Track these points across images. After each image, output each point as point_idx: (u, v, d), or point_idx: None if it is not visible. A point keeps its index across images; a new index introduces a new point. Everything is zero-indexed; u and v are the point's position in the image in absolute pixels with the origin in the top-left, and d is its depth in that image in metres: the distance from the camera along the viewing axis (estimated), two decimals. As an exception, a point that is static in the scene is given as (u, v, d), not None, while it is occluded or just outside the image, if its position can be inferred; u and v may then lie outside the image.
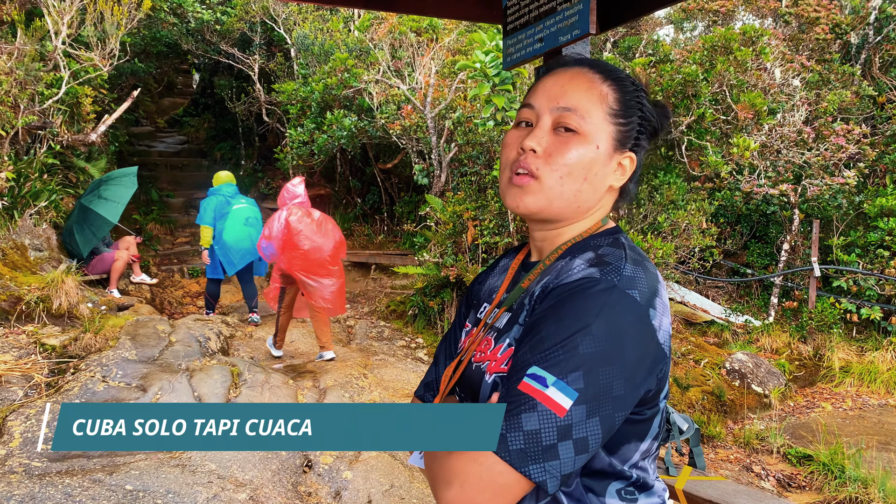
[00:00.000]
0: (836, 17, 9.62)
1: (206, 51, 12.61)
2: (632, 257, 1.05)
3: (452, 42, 9.42)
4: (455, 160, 8.73)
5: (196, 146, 14.93)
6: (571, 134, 1.08)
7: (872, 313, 7.68)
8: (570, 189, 1.09)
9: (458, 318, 1.38)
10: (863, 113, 9.38)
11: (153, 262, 9.73)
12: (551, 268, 1.12)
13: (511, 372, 1.00)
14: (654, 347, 1.00)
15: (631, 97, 1.13)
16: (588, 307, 0.96)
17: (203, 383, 5.05)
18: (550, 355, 0.95)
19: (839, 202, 8.25)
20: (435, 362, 1.37)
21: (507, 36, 3.08)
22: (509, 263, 1.32)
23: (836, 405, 7.00)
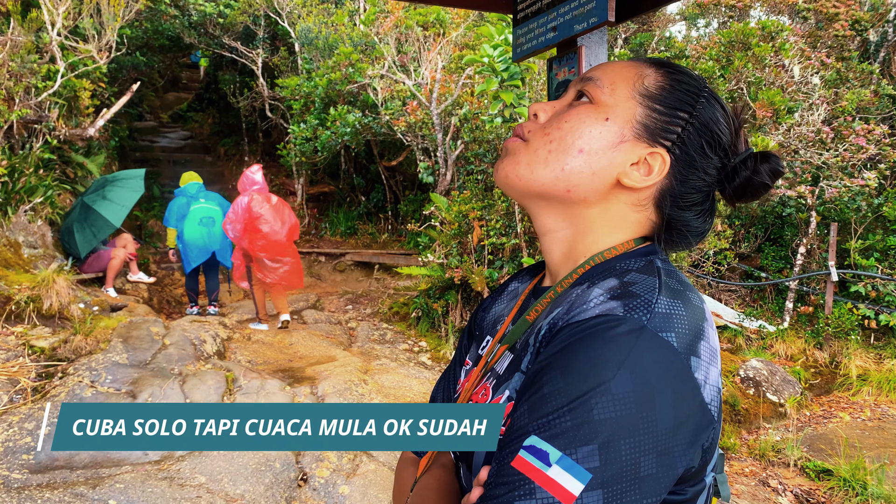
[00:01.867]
0: (855, 14, 9.35)
1: (209, 44, 12.41)
2: (668, 286, 0.80)
3: (460, 36, 9.20)
4: (461, 158, 8.50)
5: (200, 141, 14.77)
6: (584, 102, 0.89)
7: (892, 319, 7.42)
8: (557, 160, 0.88)
9: (459, 353, 1.15)
10: (882, 112, 9.11)
11: (153, 260, 9.54)
12: (564, 296, 0.88)
13: (505, 440, 0.76)
14: (696, 409, 0.75)
15: (685, 89, 0.89)
16: (606, 356, 0.72)
17: (196, 389, 4.85)
18: (555, 422, 0.71)
19: (858, 204, 7.98)
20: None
21: (518, 25, 2.86)
22: (521, 288, 1.09)
23: (854, 415, 6.75)
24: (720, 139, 0.89)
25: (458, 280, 6.61)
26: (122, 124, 11.60)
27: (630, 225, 0.91)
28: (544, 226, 0.94)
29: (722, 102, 0.92)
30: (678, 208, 0.90)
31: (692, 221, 0.92)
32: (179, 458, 3.97)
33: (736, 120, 0.92)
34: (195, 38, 12.26)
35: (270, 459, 4.01)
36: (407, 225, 9.24)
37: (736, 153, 0.91)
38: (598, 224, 0.91)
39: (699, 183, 0.90)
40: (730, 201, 0.93)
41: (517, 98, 6.18)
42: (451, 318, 6.97)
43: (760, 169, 0.89)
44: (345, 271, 10.26)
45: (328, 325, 7.45)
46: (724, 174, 0.91)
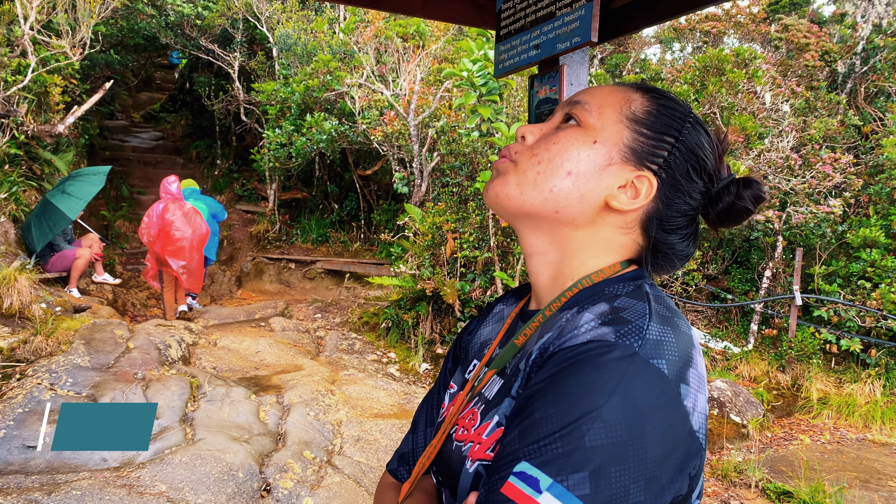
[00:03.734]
0: (825, 45, 9.58)
1: (186, 45, 12.28)
2: (658, 313, 0.80)
3: (439, 49, 9.22)
4: (437, 170, 8.50)
5: (171, 143, 14.58)
6: (572, 125, 0.91)
7: (852, 345, 7.57)
8: (546, 181, 0.88)
9: (443, 376, 1.13)
10: (847, 142, 9.33)
11: (119, 261, 9.37)
12: (553, 320, 0.88)
13: (494, 465, 0.76)
14: (685, 437, 0.75)
15: (672, 114, 0.90)
16: (598, 382, 0.72)
17: (159, 395, 4.76)
18: (546, 448, 0.71)
19: (823, 231, 8.15)
20: (413, 429, 1.12)
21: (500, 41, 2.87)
22: (506, 311, 1.08)
23: (815, 438, 6.86)
24: (705, 164, 0.90)
25: (429, 292, 6.60)
26: (92, 122, 11.40)
27: (617, 248, 0.91)
28: (532, 247, 0.94)
29: (706, 128, 0.93)
30: (664, 231, 0.91)
31: (677, 245, 0.93)
32: (139, 466, 3.89)
33: (720, 145, 0.93)
34: (171, 39, 12.11)
35: (233, 469, 3.95)
36: (380, 234, 9.22)
37: (720, 178, 0.92)
38: (585, 246, 0.91)
39: (684, 207, 0.91)
40: (713, 226, 0.94)
41: (494, 113, 6.21)
42: (421, 330, 6.94)
43: (743, 194, 0.90)
44: (315, 279, 10.18)
45: (296, 334, 7.38)
46: (707, 199, 0.92)
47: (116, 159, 12.46)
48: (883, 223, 8.06)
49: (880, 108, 9.98)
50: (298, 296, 9.65)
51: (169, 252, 7.24)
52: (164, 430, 4.37)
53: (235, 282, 10.02)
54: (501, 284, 6.48)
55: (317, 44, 10.44)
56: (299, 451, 4.35)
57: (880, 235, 7.81)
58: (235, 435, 4.41)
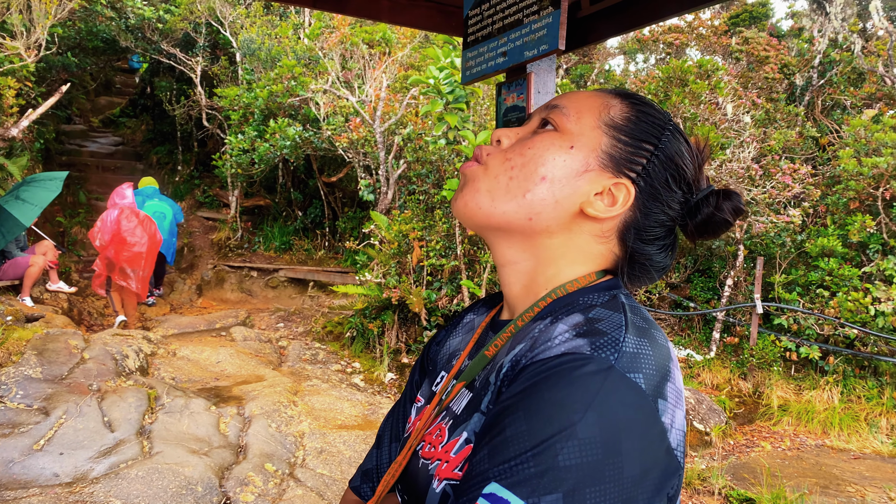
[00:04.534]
0: (784, 58, 9.79)
1: (147, 49, 12.05)
2: (634, 324, 0.76)
3: (406, 56, 9.19)
4: (403, 177, 8.45)
5: (131, 148, 14.29)
6: (549, 130, 0.87)
7: (811, 352, 7.69)
8: (519, 186, 0.84)
9: (409, 388, 1.08)
10: (806, 153, 9.52)
11: (75, 269, 9.12)
12: (525, 331, 0.84)
13: (462, 485, 0.71)
14: (663, 455, 0.71)
15: (651, 122, 0.87)
16: (572, 398, 0.68)
17: (115, 407, 4.61)
18: (517, 468, 0.66)
19: (783, 240, 8.29)
20: (377, 444, 1.07)
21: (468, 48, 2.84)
22: (476, 321, 1.04)
23: (775, 445, 6.95)
24: (684, 173, 0.87)
25: (395, 300, 6.53)
26: (48, 126, 11.11)
27: (593, 257, 0.88)
28: (504, 257, 0.90)
29: (686, 137, 0.91)
30: (641, 241, 0.88)
31: (655, 256, 0.89)
32: (93, 481, 3.75)
33: (699, 156, 0.90)
34: (132, 42, 11.87)
35: (192, 482, 3.83)
36: (345, 242, 9.12)
37: (699, 189, 0.89)
38: (560, 255, 0.87)
39: (663, 217, 0.88)
40: (691, 237, 0.91)
41: (461, 121, 6.18)
42: (386, 339, 6.87)
43: (723, 206, 0.87)
44: (277, 287, 10.03)
45: (258, 343, 7.24)
46: (686, 209, 0.89)
47: (74, 164, 12.16)
48: (840, 233, 8.23)
49: (836, 121, 10.22)
50: (261, 305, 9.50)
51: (124, 259, 7.22)
52: (120, 443, 4.23)
53: (196, 290, 9.82)
54: (468, 293, 6.45)
55: (281, 49, 10.33)
56: (260, 463, 4.25)
57: (837, 245, 7.98)
58: (195, 448, 4.29)
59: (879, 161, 7.85)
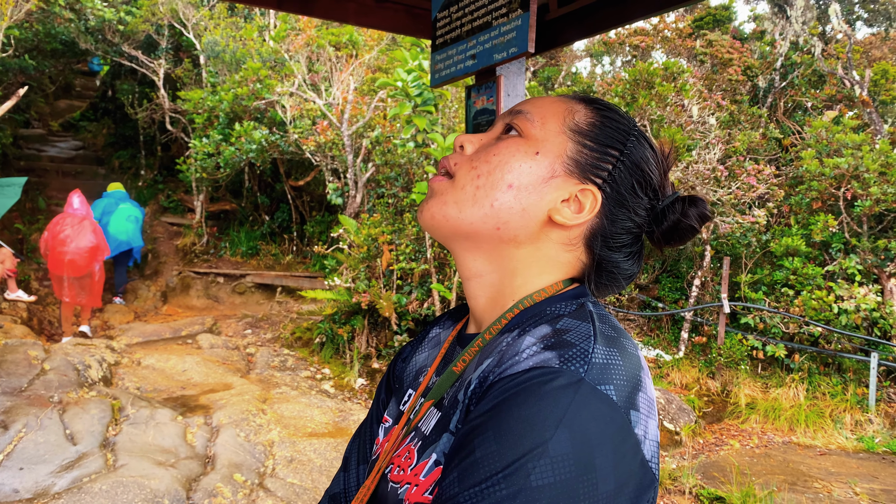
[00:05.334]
0: (747, 60, 9.94)
1: (107, 52, 11.80)
2: (603, 333, 0.75)
3: (373, 59, 9.13)
4: (372, 181, 8.39)
5: (93, 153, 13.99)
6: (513, 135, 0.86)
7: (777, 350, 7.80)
8: (486, 195, 0.83)
9: (376, 408, 1.04)
10: (769, 154, 9.68)
11: (34, 277, 8.88)
12: (493, 345, 0.81)
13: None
14: (637, 468, 0.69)
15: (616, 127, 0.86)
16: (542, 414, 0.65)
17: (78, 419, 4.48)
18: (488, 490, 0.64)
19: (748, 240, 8.41)
20: (344, 467, 1.02)
21: (436, 51, 2.81)
22: (443, 335, 1.01)
23: (744, 443, 7.02)
24: (650, 179, 0.86)
25: (365, 305, 6.47)
26: (5, 130, 10.82)
27: (560, 265, 0.86)
28: (470, 270, 0.88)
29: (651, 143, 0.89)
30: (609, 249, 0.86)
31: (622, 263, 0.88)
32: (55, 496, 3.63)
33: (665, 161, 0.89)
34: (92, 44, 11.62)
35: (158, 495, 3.73)
36: (313, 247, 9.03)
37: (664, 195, 0.88)
38: (527, 265, 0.85)
39: (629, 224, 0.86)
40: (657, 245, 0.89)
41: (430, 124, 6.15)
42: (356, 345, 6.80)
43: (689, 213, 0.86)
44: (245, 293, 9.89)
45: (225, 351, 7.12)
46: (652, 216, 0.88)
47: (33, 170, 11.86)
48: (803, 232, 8.37)
49: (798, 122, 10.41)
50: (227, 311, 9.35)
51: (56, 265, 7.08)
52: (83, 456, 4.11)
53: (161, 297, 9.63)
54: (439, 296, 6.41)
55: (246, 51, 10.19)
56: (229, 474, 4.16)
57: (801, 244, 8.11)
58: (161, 459, 4.18)
59: (840, 161, 8.00)
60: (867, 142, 8.38)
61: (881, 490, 5.66)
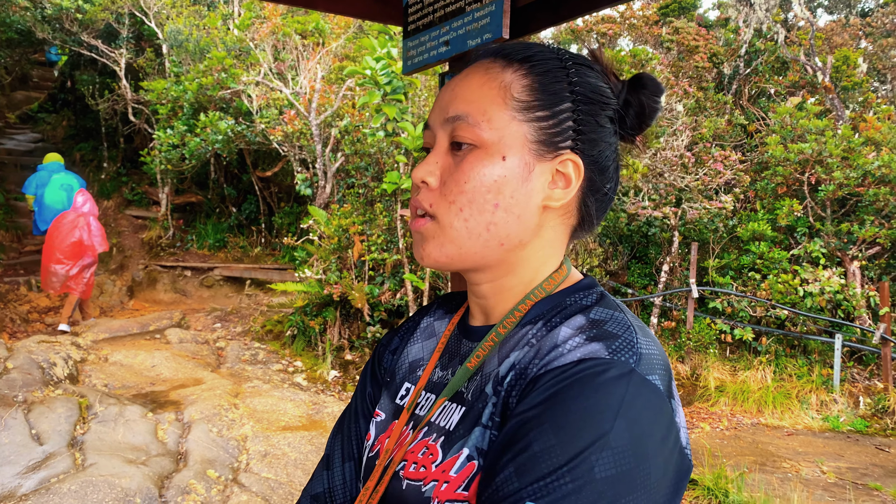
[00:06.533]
0: (713, 47, 10.04)
1: (66, 41, 11.49)
2: (636, 324, 0.75)
3: (340, 47, 9.02)
4: (341, 171, 8.31)
5: (52, 145, 13.62)
6: (468, 149, 0.79)
7: (745, 334, 7.93)
8: (478, 224, 0.79)
9: (361, 402, 0.99)
10: (735, 140, 9.80)
11: (-7, 274, 8.66)
12: (514, 337, 0.80)
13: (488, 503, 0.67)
14: (678, 455, 0.70)
15: (553, 76, 0.80)
16: (600, 406, 0.65)
17: (43, 418, 4.38)
18: (553, 485, 0.63)
19: (716, 226, 8.51)
20: (325, 465, 0.98)
21: (408, 37, 2.77)
22: (438, 326, 0.97)
23: (714, 425, 7.14)
24: (607, 95, 0.82)
25: (337, 296, 6.42)
26: (-40, 123, 10.50)
27: (561, 242, 0.85)
28: (481, 279, 0.85)
29: (585, 59, 0.84)
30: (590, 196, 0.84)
31: (611, 194, 0.86)
32: (22, 498, 3.54)
33: (604, 65, 0.85)
34: (49, 34, 11.29)
35: (130, 494, 3.66)
36: (282, 239, 8.93)
37: (619, 91, 0.85)
38: (534, 256, 0.84)
39: (610, 151, 0.83)
40: (632, 136, 0.86)
41: (400, 112, 6.10)
42: (329, 336, 6.74)
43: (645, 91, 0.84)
44: (213, 287, 9.75)
45: (194, 345, 7.01)
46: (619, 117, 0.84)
47: (-11, 163, 11.54)
48: (769, 217, 8.50)
49: (763, 108, 10.55)
50: (196, 305, 9.21)
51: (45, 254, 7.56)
52: (50, 456, 4.01)
53: (127, 292, 9.45)
54: (412, 286, 6.38)
55: (210, 40, 10.00)
56: (202, 470, 4.10)
57: (767, 229, 8.23)
58: (131, 457, 4.11)
59: (804, 147, 8.13)
60: (830, 127, 8.53)
61: (847, 468, 5.80)
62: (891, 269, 8.32)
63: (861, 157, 7.97)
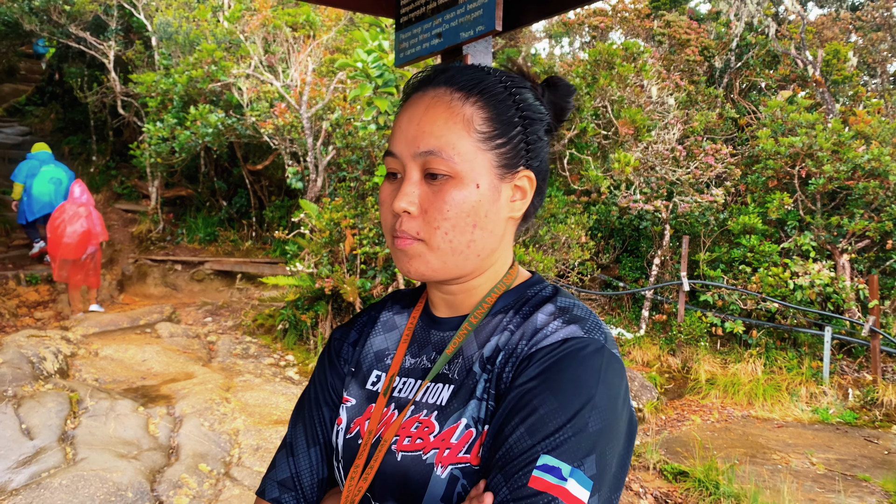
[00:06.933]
0: (704, 41, 10.05)
1: (53, 33, 11.38)
2: (588, 308, 0.93)
3: (331, 40, 8.98)
4: (333, 164, 8.28)
5: (41, 138, 13.46)
6: (444, 180, 0.90)
7: (735, 327, 7.97)
8: (460, 243, 0.91)
9: (322, 392, 1.06)
10: (726, 134, 9.83)
11: (-18, 267, 8.59)
12: (488, 325, 0.95)
13: (509, 466, 0.80)
14: (632, 412, 0.89)
15: (505, 106, 0.92)
16: (587, 374, 0.83)
17: (34, 413, 4.35)
18: (560, 439, 0.79)
19: (707, 219, 8.54)
20: (290, 452, 1.04)
21: (401, 30, 2.76)
22: (399, 320, 1.08)
23: (705, 417, 7.17)
24: (543, 112, 0.96)
25: (328, 290, 6.40)
26: (-54, 116, 10.39)
27: (512, 242, 1.00)
28: (455, 282, 0.97)
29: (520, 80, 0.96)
30: (544, 193, 1.00)
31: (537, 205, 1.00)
32: (13, 493, 3.52)
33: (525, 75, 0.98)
34: (36, 26, 11.18)
35: (121, 488, 3.65)
36: (273, 232, 8.89)
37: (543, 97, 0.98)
38: (497, 258, 0.98)
39: (546, 156, 0.99)
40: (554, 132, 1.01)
41: (391, 105, 6.07)
42: (320, 330, 6.73)
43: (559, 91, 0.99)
44: (203, 281, 9.71)
45: (185, 339, 6.98)
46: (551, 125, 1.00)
47: (-24, 156, 11.43)
48: (760, 210, 8.53)
49: (754, 102, 10.58)
50: (186, 299, 9.17)
51: (52, 244, 7.77)
52: (41, 451, 3.99)
53: (117, 286, 9.39)
54: (403, 280, 6.36)
55: (200, 32, 9.93)
56: (194, 464, 4.08)
57: (758, 222, 8.27)
58: (122, 451, 4.08)
59: (795, 140, 8.16)
60: (820, 121, 8.56)
61: (836, 459, 5.84)
62: (880, 261, 8.38)
63: (851, 151, 8.01)
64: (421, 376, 0.96)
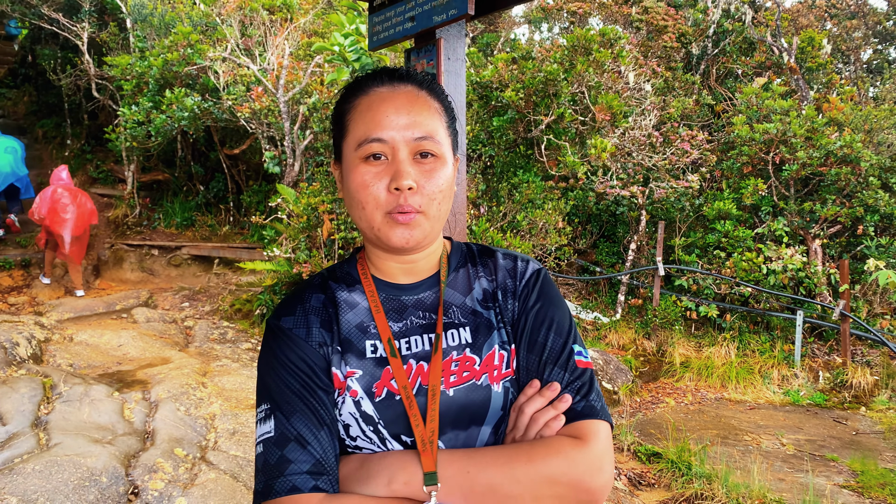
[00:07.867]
0: (681, 27, 10.10)
1: (25, 14, 11.17)
2: None
3: (308, 23, 8.90)
4: (310, 148, 8.24)
5: (14, 121, 13.28)
6: (432, 159, 1.09)
7: (710, 311, 8.08)
8: (443, 212, 1.12)
9: (311, 378, 1.07)
10: (702, 120, 9.90)
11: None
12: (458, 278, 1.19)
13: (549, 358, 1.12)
14: None
15: (448, 103, 1.17)
16: (554, 288, 1.21)
17: (6, 399, 4.32)
18: (573, 332, 1.16)
19: (682, 205, 8.62)
20: (301, 443, 1.02)
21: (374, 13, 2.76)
22: (357, 297, 1.16)
23: (679, 400, 7.28)
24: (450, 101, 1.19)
25: (306, 275, 6.39)
26: (-85, 98, 10.19)
27: None
28: (423, 249, 1.16)
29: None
30: None
31: None
32: (-16, 478, 3.50)
33: None
34: (8, 6, 10.97)
35: (95, 473, 3.64)
36: (251, 217, 8.84)
37: None
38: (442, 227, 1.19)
39: None
40: None
41: (368, 90, 6.05)
42: (297, 315, 6.72)
43: None
44: (181, 266, 9.65)
45: (162, 324, 6.95)
46: None
47: (-54, 139, 11.19)
48: (735, 196, 8.63)
49: (730, 89, 10.66)
50: (163, 284, 9.11)
51: (60, 227, 7.95)
52: (14, 436, 3.97)
53: (93, 271, 9.31)
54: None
55: (175, 15, 9.80)
56: (170, 448, 4.09)
57: (732, 208, 8.37)
58: (97, 437, 4.08)
59: (769, 127, 8.25)
60: (794, 108, 8.66)
61: (805, 440, 5.97)
62: (851, 247, 8.52)
63: (824, 138, 8.12)
64: (421, 332, 1.12)
